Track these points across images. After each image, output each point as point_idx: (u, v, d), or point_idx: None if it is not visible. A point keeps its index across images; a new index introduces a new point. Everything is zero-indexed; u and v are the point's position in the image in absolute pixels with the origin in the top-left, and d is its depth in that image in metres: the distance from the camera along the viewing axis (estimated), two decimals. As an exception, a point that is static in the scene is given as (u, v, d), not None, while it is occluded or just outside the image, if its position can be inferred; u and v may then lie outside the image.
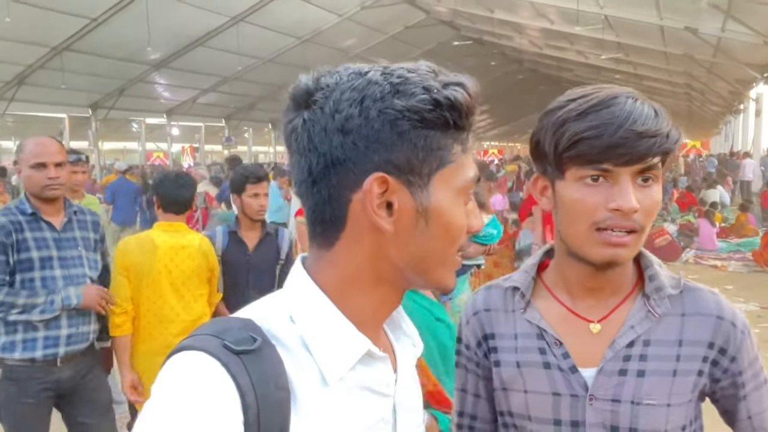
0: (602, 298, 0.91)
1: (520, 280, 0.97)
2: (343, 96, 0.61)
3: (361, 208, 0.61)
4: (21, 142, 2.30)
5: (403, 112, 0.59)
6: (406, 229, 0.62)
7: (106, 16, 10.03)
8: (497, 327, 0.98)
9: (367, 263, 0.64)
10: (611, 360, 0.87)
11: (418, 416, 0.75)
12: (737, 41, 8.02)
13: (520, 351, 0.94)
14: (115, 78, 13.22)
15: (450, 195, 0.63)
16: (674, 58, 10.43)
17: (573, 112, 0.84)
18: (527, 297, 0.95)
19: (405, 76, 0.61)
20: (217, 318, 0.66)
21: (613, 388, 0.87)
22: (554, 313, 0.93)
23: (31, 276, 2.15)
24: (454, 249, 0.65)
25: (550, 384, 0.90)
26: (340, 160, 0.61)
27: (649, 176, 0.83)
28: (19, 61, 11.10)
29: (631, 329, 0.88)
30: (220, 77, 14.86)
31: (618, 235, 0.82)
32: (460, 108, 0.61)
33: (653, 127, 0.80)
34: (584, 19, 9.38)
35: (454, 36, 15.84)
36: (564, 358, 0.90)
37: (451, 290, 0.68)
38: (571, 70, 17.97)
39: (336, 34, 13.43)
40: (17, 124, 19.41)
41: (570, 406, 0.89)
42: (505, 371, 0.95)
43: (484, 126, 32.87)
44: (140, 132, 18.15)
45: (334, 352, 0.62)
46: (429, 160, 0.61)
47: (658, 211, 0.89)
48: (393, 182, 0.61)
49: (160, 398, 0.55)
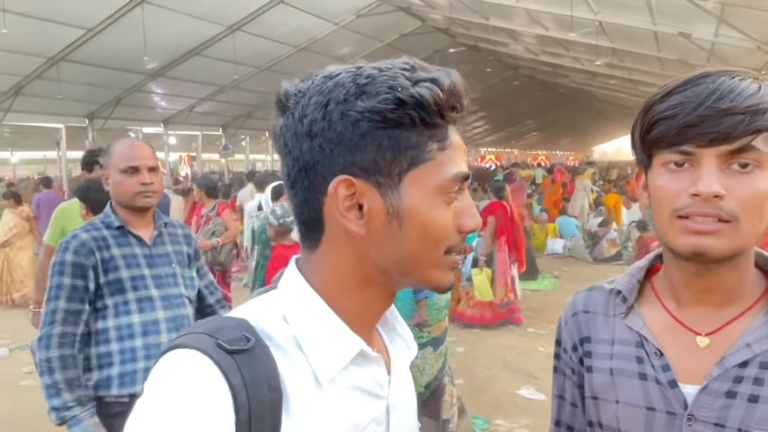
0: (713, 307, 0.81)
1: (624, 282, 0.89)
2: (310, 100, 0.62)
3: (332, 211, 0.62)
4: (108, 145, 2.07)
5: (364, 113, 0.59)
6: (379, 231, 0.62)
7: (102, 27, 10.03)
8: (594, 331, 0.91)
9: (350, 265, 0.64)
10: (718, 379, 0.77)
11: (412, 418, 0.75)
12: (731, 46, 8.07)
13: (615, 358, 0.87)
14: (111, 88, 13.21)
15: (426, 195, 0.61)
16: (669, 63, 10.48)
17: (660, 93, 0.78)
18: (630, 301, 0.87)
19: (373, 75, 0.60)
20: (210, 317, 0.65)
21: (718, 411, 0.77)
22: (658, 321, 0.85)
23: (124, 299, 1.86)
24: (439, 250, 0.63)
25: (645, 397, 0.82)
26: (309, 164, 0.62)
27: (747, 161, 0.72)
28: (16, 71, 11.08)
29: (747, 347, 0.77)
30: (216, 86, 14.86)
31: (700, 222, 0.73)
32: (428, 105, 0.59)
33: (745, 103, 0.71)
34: (579, 25, 9.42)
35: (449, 43, 15.89)
36: (663, 370, 0.81)
37: (444, 289, 0.66)
38: (567, 76, 18.02)
39: (332, 43, 13.46)
40: (14, 135, 19.39)
41: (665, 425, 0.80)
42: (597, 378, 0.88)
43: (480, 132, 32.92)
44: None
45: (326, 352, 0.62)
46: (398, 160, 0.60)
47: (767, 205, 0.74)
48: (360, 184, 0.60)
49: (153, 396, 0.55)
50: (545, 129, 38.56)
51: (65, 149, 15.13)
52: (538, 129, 38.54)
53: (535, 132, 39.87)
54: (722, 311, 0.81)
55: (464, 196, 0.65)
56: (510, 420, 4.03)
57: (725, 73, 0.75)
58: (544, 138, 43.32)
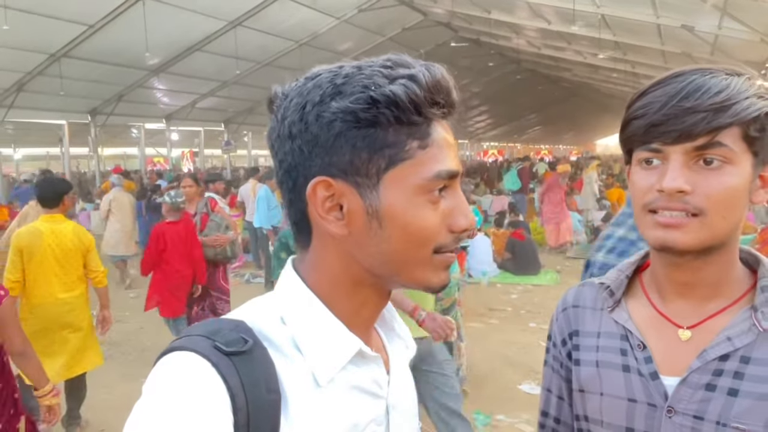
0: (697, 301, 0.82)
1: (612, 277, 0.91)
2: (291, 102, 0.62)
3: (314, 212, 0.62)
4: None
5: (337, 114, 0.59)
6: (361, 232, 0.61)
7: (104, 23, 10.02)
8: (582, 324, 0.93)
9: (339, 265, 0.64)
10: (698, 371, 0.78)
11: (413, 417, 0.75)
12: (734, 39, 8.02)
13: (601, 350, 0.89)
14: (113, 84, 13.21)
15: (406, 195, 0.60)
16: (672, 56, 10.42)
17: (636, 93, 0.81)
18: (617, 296, 0.89)
19: (351, 74, 0.60)
20: (209, 319, 0.65)
21: (697, 404, 0.78)
22: (643, 315, 0.87)
23: None
24: (426, 249, 0.62)
25: (627, 389, 0.84)
26: (292, 165, 0.62)
27: (712, 157, 0.74)
28: (18, 68, 11.09)
29: (728, 341, 0.78)
30: (218, 82, 14.85)
31: (667, 216, 0.76)
32: (402, 103, 0.58)
33: (709, 101, 0.73)
34: (581, 18, 9.38)
35: (451, 37, 15.83)
36: (646, 362, 0.83)
37: (436, 289, 0.65)
38: (569, 70, 17.95)
39: (333, 37, 13.43)
40: (17, 132, 19.41)
41: (645, 416, 0.82)
42: (584, 371, 0.90)
43: (483, 126, 32.84)
44: (140, 137, 18.12)
45: (324, 352, 0.62)
46: (375, 160, 0.59)
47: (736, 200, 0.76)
48: (338, 185, 0.60)
49: (150, 398, 0.55)
50: (548, 123, 38.43)
51: (68, 145, 15.14)
52: (540, 123, 38.41)
53: (537, 126, 39.73)
54: (706, 305, 0.82)
55: (454, 194, 0.63)
56: (511, 415, 4.04)
57: (698, 71, 0.77)
58: (547, 132, 43.18)
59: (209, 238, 4.90)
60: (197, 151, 21.49)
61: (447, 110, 0.63)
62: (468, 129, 31.40)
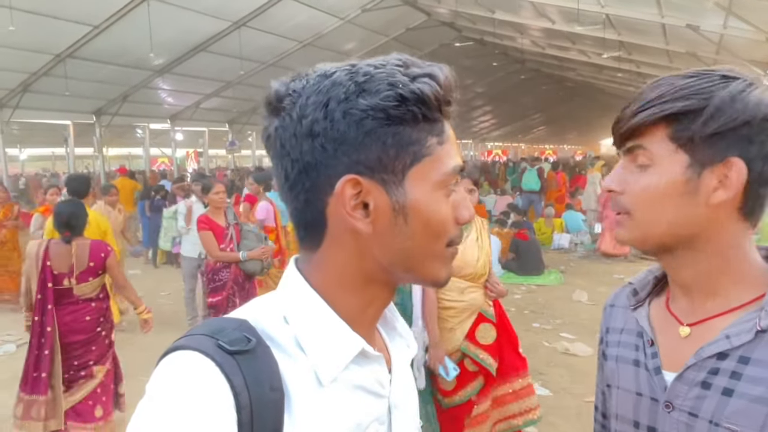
0: (696, 299, 0.83)
1: (640, 277, 0.95)
2: (309, 100, 0.61)
3: (337, 211, 0.61)
4: None
5: (368, 111, 0.59)
6: (386, 228, 0.62)
7: (109, 23, 10.04)
8: (614, 322, 0.98)
9: (352, 263, 0.64)
10: (693, 368, 0.79)
11: (414, 416, 0.75)
12: (739, 38, 7.98)
13: (621, 346, 0.93)
14: (118, 84, 13.25)
15: (428, 189, 0.62)
16: (677, 56, 10.38)
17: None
18: (640, 295, 0.92)
19: (370, 73, 0.60)
20: (211, 318, 0.66)
21: (692, 401, 0.78)
22: (659, 313, 0.89)
23: None
24: (441, 243, 0.64)
25: (636, 382, 0.87)
26: (311, 164, 0.61)
27: (637, 160, 0.79)
28: (23, 68, 11.13)
29: (726, 339, 0.77)
30: (222, 82, 14.87)
31: (616, 215, 0.83)
32: (429, 101, 0.60)
33: (635, 106, 0.78)
34: (586, 18, 9.35)
35: (455, 37, 15.82)
36: (652, 357, 0.85)
37: (442, 284, 0.67)
38: (574, 70, 17.90)
39: (337, 38, 13.43)
40: (22, 132, 19.49)
41: (649, 410, 0.84)
42: (609, 366, 0.95)
43: (487, 126, 32.78)
44: (144, 138, 18.18)
45: (327, 352, 0.62)
46: (401, 157, 0.60)
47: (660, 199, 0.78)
48: (366, 182, 0.60)
49: (154, 397, 0.55)
50: (552, 123, 38.34)
51: (73, 146, 15.20)
52: (545, 123, 38.32)
53: (542, 126, 39.64)
54: (705, 303, 0.82)
55: (459, 188, 0.67)
56: (516, 414, 4.03)
57: (680, 76, 0.78)
58: (551, 132, 43.07)
59: (256, 252, 4.43)
60: (201, 152, 21.53)
61: (453, 108, 0.65)
62: (472, 129, 31.36)
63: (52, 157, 26.69)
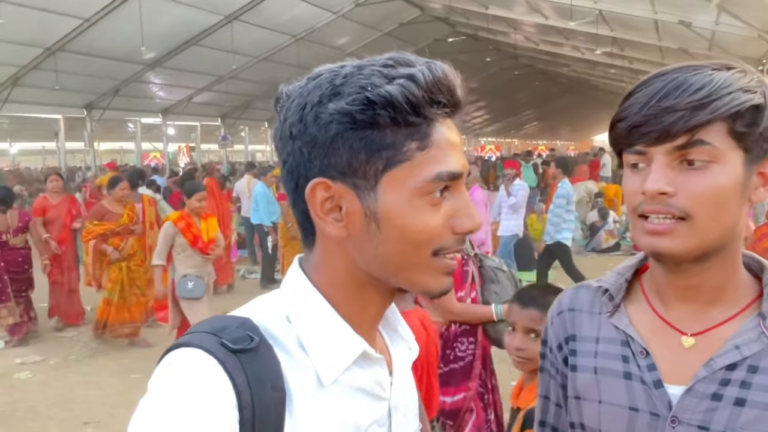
0: (699, 306, 0.79)
1: (611, 281, 0.87)
2: (293, 103, 0.61)
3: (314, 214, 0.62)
4: None
5: (333, 115, 0.58)
6: (360, 233, 0.61)
7: (99, 17, 9.95)
8: (579, 329, 0.89)
9: (342, 266, 0.64)
10: (704, 380, 0.75)
11: (414, 418, 0.74)
12: (731, 35, 8.03)
13: (600, 356, 0.85)
14: (109, 78, 13.13)
15: (404, 197, 0.59)
16: (669, 52, 10.43)
17: (624, 94, 0.79)
18: (616, 300, 0.85)
19: (351, 74, 0.59)
20: (215, 316, 0.65)
21: (702, 414, 0.75)
22: (645, 320, 0.83)
23: None
24: (422, 252, 0.61)
25: (629, 397, 0.80)
26: (293, 166, 0.62)
27: (694, 157, 0.72)
28: (13, 62, 11.00)
29: (736, 350, 0.75)
30: (215, 76, 14.78)
31: (654, 222, 0.73)
32: (399, 104, 0.57)
33: (687, 99, 0.71)
34: (579, 14, 9.37)
35: (449, 32, 15.81)
36: (649, 370, 0.79)
37: (435, 295, 0.64)
38: (567, 65, 17.95)
39: (330, 32, 13.38)
40: (12, 126, 19.33)
41: (648, 426, 0.78)
42: (581, 377, 0.86)
43: (480, 122, 32.82)
44: (136, 132, 18.05)
45: (329, 352, 0.62)
46: (373, 161, 0.59)
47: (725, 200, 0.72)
48: (337, 186, 0.60)
49: (156, 394, 0.55)
50: (545, 119, 38.44)
51: (64, 140, 15.08)
52: (538, 119, 38.41)
53: (535, 122, 39.73)
54: (709, 311, 0.79)
55: (458, 194, 0.62)
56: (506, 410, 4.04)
57: (682, 69, 0.75)
58: (545, 128, 43.18)
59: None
60: (194, 146, 21.42)
61: (450, 109, 0.62)
62: (465, 125, 31.40)
63: (42, 152, 26.47)
